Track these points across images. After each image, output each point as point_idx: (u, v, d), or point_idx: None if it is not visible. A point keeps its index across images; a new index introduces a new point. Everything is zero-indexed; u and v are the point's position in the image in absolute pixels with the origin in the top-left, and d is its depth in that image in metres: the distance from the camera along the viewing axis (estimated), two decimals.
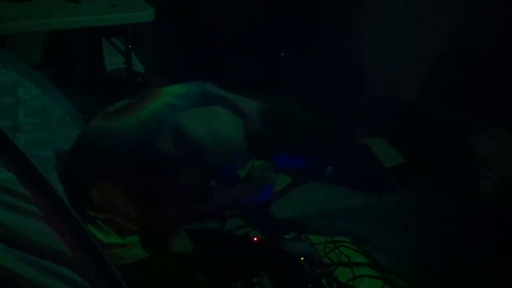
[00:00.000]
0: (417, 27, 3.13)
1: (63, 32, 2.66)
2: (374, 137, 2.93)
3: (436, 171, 2.84)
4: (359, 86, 3.39)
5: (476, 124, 2.79)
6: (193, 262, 1.71)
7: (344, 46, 3.45)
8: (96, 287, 1.17)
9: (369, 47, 3.33)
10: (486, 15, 3.00)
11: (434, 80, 3.27)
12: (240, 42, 3.55)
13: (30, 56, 2.91)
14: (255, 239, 2.08)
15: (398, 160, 2.82)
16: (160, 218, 1.50)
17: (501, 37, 2.95)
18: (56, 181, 1.34)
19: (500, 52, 2.98)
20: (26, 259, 1.12)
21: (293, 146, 1.73)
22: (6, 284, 1.10)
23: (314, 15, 3.41)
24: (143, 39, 3.19)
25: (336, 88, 3.20)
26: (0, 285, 1.10)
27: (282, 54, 3.40)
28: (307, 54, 3.35)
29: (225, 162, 1.60)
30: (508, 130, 2.73)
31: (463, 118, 2.88)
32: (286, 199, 2.58)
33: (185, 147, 1.47)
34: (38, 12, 2.37)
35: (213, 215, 1.84)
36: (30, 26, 2.36)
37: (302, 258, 1.94)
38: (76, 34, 2.74)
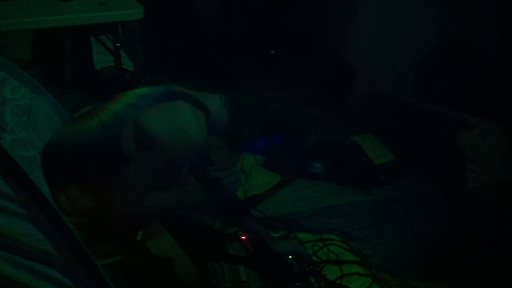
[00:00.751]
0: (407, 24, 3.15)
1: (52, 31, 2.65)
2: (364, 134, 2.94)
3: (425, 168, 2.86)
4: (348, 83, 3.40)
5: (465, 121, 2.80)
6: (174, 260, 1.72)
7: (334, 43, 3.45)
8: (81, 287, 1.18)
9: (359, 44, 3.34)
10: (478, 12, 3.02)
11: (424, 77, 3.29)
12: (230, 39, 3.55)
13: (18, 54, 2.90)
14: (243, 237, 2.09)
15: (387, 157, 2.83)
16: (117, 214, 1.48)
17: (493, 34, 2.97)
18: (42, 181, 1.34)
19: (492, 50, 3.01)
20: (11, 259, 1.11)
21: (261, 133, 1.72)
22: None
23: (305, 12, 3.41)
24: (132, 37, 3.19)
25: (326, 85, 3.21)
26: None
27: (272, 52, 3.41)
28: (297, 51, 3.36)
29: (185, 156, 1.57)
30: (498, 127, 2.75)
31: (452, 114, 2.90)
32: (277, 197, 2.59)
33: (144, 142, 1.46)
34: (27, 10, 2.35)
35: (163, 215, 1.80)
36: (19, 24, 2.35)
37: (290, 257, 1.94)
38: (65, 33, 2.72)
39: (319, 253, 2.14)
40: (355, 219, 2.46)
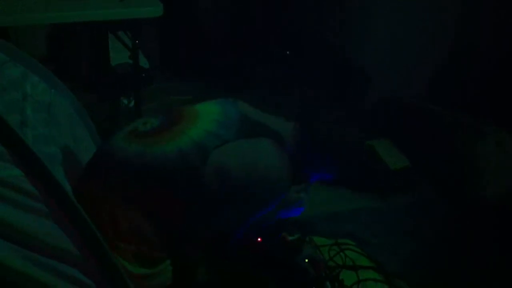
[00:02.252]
0: (424, 29, 3.12)
1: (69, 26, 2.64)
2: (380, 139, 2.91)
3: (440, 175, 2.83)
4: (364, 87, 3.38)
5: (481, 129, 2.78)
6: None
7: (349, 47, 3.43)
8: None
9: (374, 48, 3.32)
10: (493, 17, 2.99)
11: (441, 83, 3.27)
12: (244, 41, 3.54)
13: (34, 50, 2.90)
14: (258, 239, 2.06)
15: (403, 163, 2.81)
16: (188, 250, 1.44)
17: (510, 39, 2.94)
18: (63, 178, 1.32)
19: (508, 56, 2.97)
20: (32, 258, 1.10)
21: (325, 164, 1.68)
22: (12, 283, 1.08)
23: (318, 15, 3.40)
24: (148, 34, 3.18)
25: (341, 89, 3.20)
26: (5, 284, 1.08)
27: (287, 52, 3.39)
28: (311, 54, 3.34)
29: (269, 203, 1.51)
30: None
31: (468, 121, 2.87)
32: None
33: (229, 186, 1.38)
34: (44, 5, 2.34)
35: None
36: (36, 19, 2.34)
37: (306, 260, 1.92)
38: (83, 29, 2.72)
39: (335, 257, 2.11)
40: (370, 225, 2.43)
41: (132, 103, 2.90)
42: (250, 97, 1.67)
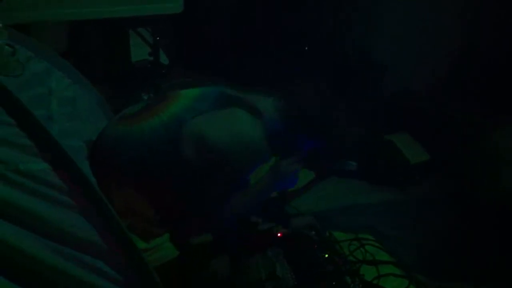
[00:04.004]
0: (438, 22, 3.10)
1: (90, 23, 2.65)
2: (399, 133, 2.90)
3: (458, 168, 2.81)
4: (379, 80, 3.37)
5: (499, 120, 2.75)
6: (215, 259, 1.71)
7: (365, 43, 3.42)
8: (129, 280, 1.17)
9: (387, 41, 3.30)
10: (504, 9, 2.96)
11: (455, 77, 3.24)
12: (262, 37, 3.54)
13: (55, 45, 2.91)
14: (279, 234, 2.07)
15: (423, 157, 2.79)
16: (183, 222, 1.48)
17: None
18: (88, 171, 1.34)
19: None
20: (59, 250, 1.12)
21: (311, 138, 1.71)
22: (39, 274, 1.10)
23: (332, 12, 3.40)
24: (167, 31, 3.19)
25: (359, 84, 3.19)
26: (33, 275, 1.10)
27: (306, 48, 3.39)
28: (324, 49, 3.34)
29: (249, 166, 1.59)
30: None
31: (485, 113, 2.85)
32: (309, 194, 2.57)
33: (209, 155, 1.46)
34: (67, 1, 2.36)
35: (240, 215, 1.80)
36: (58, 15, 2.36)
37: (326, 255, 1.93)
38: (103, 24, 2.73)
39: (355, 252, 2.11)
40: (388, 218, 2.41)
41: None
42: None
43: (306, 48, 3.39)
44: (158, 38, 2.50)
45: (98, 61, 2.94)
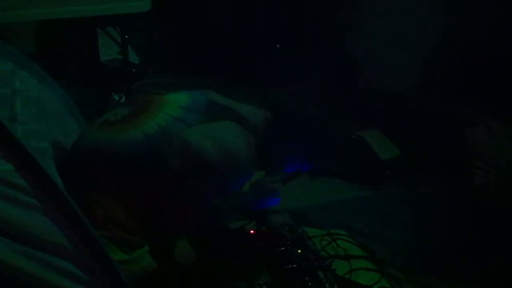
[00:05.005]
0: (411, 19, 3.13)
1: (57, 22, 2.62)
2: (370, 130, 2.93)
3: (431, 164, 2.85)
4: (354, 79, 3.39)
5: (471, 117, 2.80)
6: (198, 270, 1.70)
7: (338, 39, 3.44)
8: (96, 280, 1.16)
9: (363, 39, 3.33)
10: (481, 7, 3.01)
11: (430, 73, 3.28)
12: (234, 35, 3.53)
13: (23, 46, 2.87)
14: (251, 231, 2.08)
15: (394, 152, 2.83)
16: (163, 230, 1.47)
17: (497, 29, 2.95)
18: (54, 172, 1.32)
19: (497, 45, 2.99)
20: (25, 252, 1.10)
21: (300, 155, 1.71)
22: (4, 277, 1.09)
23: (309, 9, 3.40)
24: (137, 30, 3.17)
25: (331, 81, 3.20)
26: None
27: (278, 46, 3.39)
28: (301, 47, 3.35)
29: (235, 180, 1.57)
30: (504, 123, 2.74)
31: (459, 110, 2.89)
32: (283, 191, 2.57)
33: (195, 164, 1.43)
34: (33, 1, 2.33)
35: (216, 223, 1.79)
36: (25, 15, 2.33)
37: (299, 251, 1.94)
38: (71, 24, 2.70)
39: (327, 248, 2.12)
40: (361, 215, 2.45)
41: (124, 99, 2.90)
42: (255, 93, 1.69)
43: (278, 46, 3.40)
44: (126, 36, 2.47)
45: (66, 61, 2.91)
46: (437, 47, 3.24)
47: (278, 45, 3.37)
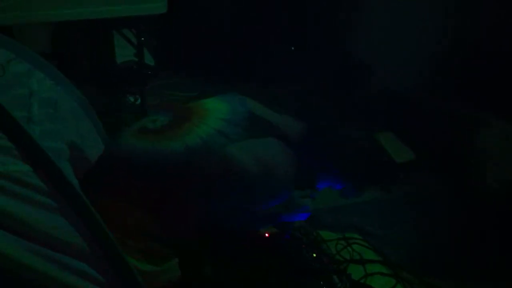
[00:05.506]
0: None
1: (72, 24, 2.63)
2: (384, 132, 2.91)
3: (444, 167, 2.82)
4: (366, 80, 3.38)
5: (485, 120, 2.77)
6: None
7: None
8: (111, 282, 1.16)
9: (371, 41, 3.31)
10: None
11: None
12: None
13: (38, 47, 2.89)
14: (266, 234, 2.07)
15: (408, 155, 2.81)
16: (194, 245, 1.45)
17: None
18: (70, 173, 1.32)
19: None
20: (41, 252, 1.10)
21: (334, 172, 1.70)
22: (19, 277, 1.09)
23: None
24: (153, 31, 3.18)
25: (343, 83, 3.20)
26: (13, 278, 1.08)
27: (292, 48, 3.39)
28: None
29: (273, 198, 1.55)
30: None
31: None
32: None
33: (234, 180, 1.42)
34: (48, 2, 2.34)
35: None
36: (40, 16, 2.33)
37: (314, 255, 1.93)
38: (87, 25, 2.71)
39: (342, 252, 2.12)
40: (374, 218, 2.43)
41: (139, 101, 2.91)
42: (256, 93, 1.68)
43: (292, 48, 3.40)
44: (142, 39, 2.48)
45: (82, 63, 2.92)
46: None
47: (292, 48, 3.37)
